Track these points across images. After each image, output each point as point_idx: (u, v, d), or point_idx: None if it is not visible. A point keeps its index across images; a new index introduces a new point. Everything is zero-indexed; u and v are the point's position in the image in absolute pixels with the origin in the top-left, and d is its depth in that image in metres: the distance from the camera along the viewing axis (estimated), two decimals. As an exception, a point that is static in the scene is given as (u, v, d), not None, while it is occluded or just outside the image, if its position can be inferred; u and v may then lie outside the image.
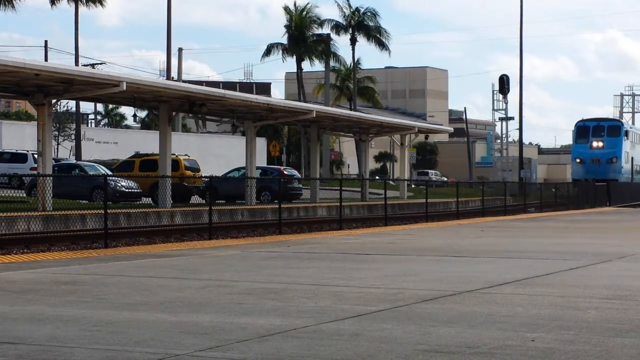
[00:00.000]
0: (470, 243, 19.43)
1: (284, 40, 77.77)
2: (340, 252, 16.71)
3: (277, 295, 10.09)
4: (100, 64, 73.45)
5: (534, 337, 7.53)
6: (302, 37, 76.57)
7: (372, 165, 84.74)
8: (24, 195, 34.43)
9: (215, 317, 8.52)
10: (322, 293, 10.35)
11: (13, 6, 57.42)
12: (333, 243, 19.41)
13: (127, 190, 37.31)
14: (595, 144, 66.67)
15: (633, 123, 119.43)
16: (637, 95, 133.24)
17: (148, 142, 62.01)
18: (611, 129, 68.24)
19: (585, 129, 68.05)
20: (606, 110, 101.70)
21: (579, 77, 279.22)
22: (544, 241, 20.06)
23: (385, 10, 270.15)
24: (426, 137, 72.25)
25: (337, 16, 79.60)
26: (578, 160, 67.70)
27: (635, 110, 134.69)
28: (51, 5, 65.81)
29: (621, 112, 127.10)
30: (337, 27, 78.28)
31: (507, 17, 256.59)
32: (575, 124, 69.61)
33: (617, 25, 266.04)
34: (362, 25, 77.80)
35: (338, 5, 78.28)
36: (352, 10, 77.84)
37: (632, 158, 76.44)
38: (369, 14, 78.32)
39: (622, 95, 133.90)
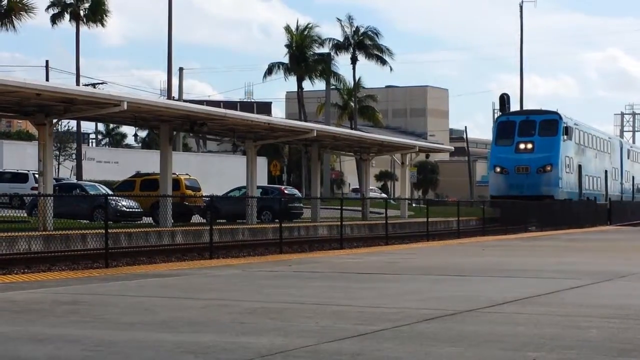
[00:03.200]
0: (472, 262, 19.40)
1: (286, 59, 77.95)
2: (341, 272, 16.69)
3: (278, 315, 10.08)
4: (101, 83, 73.54)
5: (535, 356, 7.51)
6: (302, 57, 76.71)
7: (372, 184, 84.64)
8: (25, 215, 34.40)
9: (217, 336, 8.50)
10: (323, 312, 10.33)
11: (14, 26, 57.54)
12: (334, 262, 19.38)
13: (127, 209, 37.30)
14: (522, 145, 50.69)
15: (634, 142, 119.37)
16: (637, 114, 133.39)
17: (149, 162, 62.00)
18: (545, 125, 51.13)
19: (508, 126, 52.03)
20: (606, 129, 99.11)
21: (580, 95, 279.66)
22: (545, 260, 20.03)
23: (384, 29, 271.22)
24: (427, 156, 72.45)
25: (338, 35, 79.80)
26: (498, 170, 51.26)
27: (636, 129, 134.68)
28: (52, 25, 66.03)
29: (622, 131, 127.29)
30: (338, 47, 78.46)
31: (506, 36, 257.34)
32: (496, 119, 55.00)
33: (616, 44, 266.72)
34: (363, 44, 77.95)
35: (340, 24, 78.52)
36: (353, 29, 78.06)
37: (633, 177, 74.41)
38: (370, 33, 78.52)
39: (622, 114, 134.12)
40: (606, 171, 64.05)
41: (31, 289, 13.15)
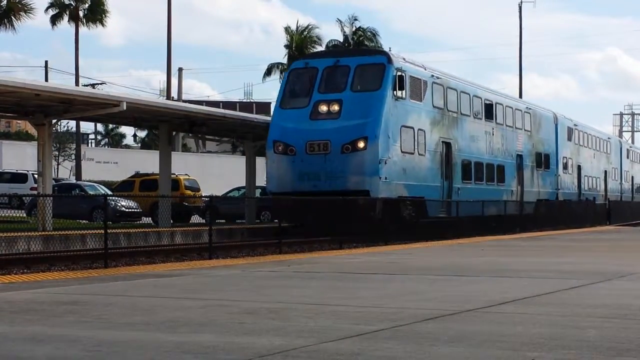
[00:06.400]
0: (471, 262, 19.41)
1: (285, 60, 77.93)
2: (340, 272, 16.69)
3: (277, 315, 10.08)
4: (101, 83, 73.64)
5: (534, 356, 7.52)
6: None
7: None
8: (24, 215, 34.44)
9: (216, 336, 8.51)
10: (322, 312, 10.34)
11: (13, 27, 57.58)
12: (333, 262, 19.39)
13: (127, 210, 37.35)
14: (323, 108, 31.70)
15: (633, 142, 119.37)
16: (636, 114, 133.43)
17: (148, 162, 62.05)
18: (364, 73, 32.34)
19: (305, 76, 33.00)
20: (606, 129, 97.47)
21: (581, 96, 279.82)
22: (544, 260, 20.04)
23: (382, 29, 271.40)
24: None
25: (338, 35, 79.78)
26: (280, 148, 31.81)
27: (636, 129, 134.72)
28: (52, 26, 66.08)
29: (621, 131, 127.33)
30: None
31: (505, 37, 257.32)
32: (289, 66, 36.26)
33: (616, 44, 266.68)
34: (362, 45, 77.94)
35: (340, 24, 78.48)
36: (353, 29, 78.02)
37: (632, 177, 74.00)
38: (369, 33, 78.53)
39: (621, 114, 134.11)
40: (605, 171, 62.87)
41: (30, 289, 13.15)
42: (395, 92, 32.19)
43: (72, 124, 71.39)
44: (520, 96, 73.23)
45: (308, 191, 30.62)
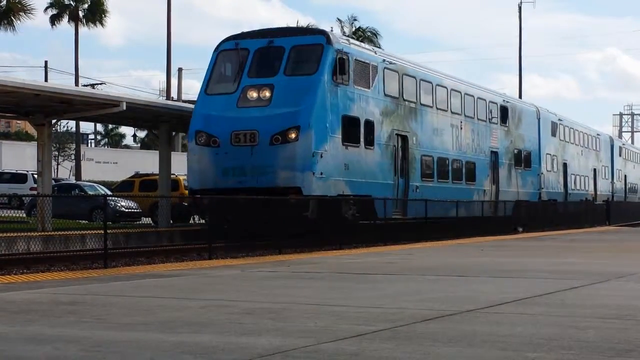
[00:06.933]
0: (470, 262, 19.41)
1: (284, 60, 77.86)
2: (340, 272, 16.70)
3: (277, 315, 10.08)
4: (100, 84, 73.69)
5: (534, 356, 7.52)
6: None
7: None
8: (24, 215, 34.44)
9: (216, 337, 8.51)
10: (322, 313, 10.34)
11: (13, 27, 57.60)
12: (333, 263, 19.39)
13: (126, 210, 37.36)
14: (253, 94, 28.14)
15: (632, 142, 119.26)
16: (636, 114, 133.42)
17: (148, 162, 62.09)
18: (300, 55, 28.85)
19: (235, 59, 29.31)
20: (605, 129, 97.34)
21: (581, 96, 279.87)
22: (543, 260, 20.04)
23: (382, 30, 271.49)
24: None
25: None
26: (202, 139, 28.31)
27: (635, 129, 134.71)
28: (52, 26, 66.14)
29: (620, 131, 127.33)
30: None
31: (505, 37, 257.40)
32: (216, 47, 30.07)
33: (616, 44, 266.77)
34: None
35: (340, 24, 78.42)
36: (353, 30, 77.96)
37: (625, 176, 69.62)
38: (369, 33, 78.48)
39: (621, 115, 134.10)
40: (595, 169, 59.47)
41: (30, 290, 13.16)
42: (335, 76, 28.32)
43: (72, 124, 71.46)
44: (520, 96, 70.03)
45: (233, 188, 27.06)
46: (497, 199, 40.74)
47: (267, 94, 28.01)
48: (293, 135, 27.24)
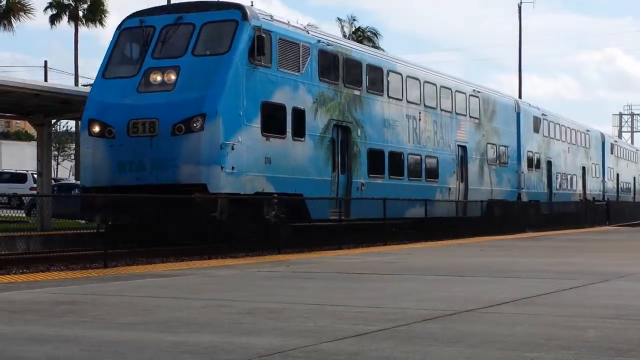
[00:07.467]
0: (470, 262, 19.41)
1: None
2: (339, 272, 16.70)
3: (276, 315, 10.08)
4: (100, 83, 73.54)
5: (533, 356, 7.52)
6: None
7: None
8: (24, 215, 34.44)
9: (215, 337, 8.51)
10: (321, 312, 10.34)
11: (12, 27, 57.62)
12: (332, 262, 19.40)
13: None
14: (156, 77, 24.55)
15: (632, 142, 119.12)
16: (636, 114, 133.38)
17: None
18: (210, 33, 25.30)
19: (139, 35, 25.68)
20: (605, 129, 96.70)
21: (581, 96, 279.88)
22: (543, 260, 20.04)
23: (381, 30, 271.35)
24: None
25: (338, 35, 79.77)
26: (96, 129, 24.57)
27: (635, 129, 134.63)
28: (51, 26, 66.15)
29: (620, 131, 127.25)
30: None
31: (505, 37, 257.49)
32: (119, 24, 26.48)
33: (615, 44, 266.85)
34: (362, 44, 77.91)
35: (340, 24, 78.40)
36: (352, 29, 77.96)
37: (618, 174, 66.30)
38: (369, 33, 78.45)
39: (620, 115, 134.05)
40: (584, 168, 55.76)
41: (30, 289, 13.16)
42: (253, 57, 24.60)
43: (72, 124, 71.48)
44: (520, 96, 68.03)
45: (129, 185, 23.85)
46: (467, 198, 37.48)
47: (173, 77, 24.37)
48: (198, 124, 23.56)
